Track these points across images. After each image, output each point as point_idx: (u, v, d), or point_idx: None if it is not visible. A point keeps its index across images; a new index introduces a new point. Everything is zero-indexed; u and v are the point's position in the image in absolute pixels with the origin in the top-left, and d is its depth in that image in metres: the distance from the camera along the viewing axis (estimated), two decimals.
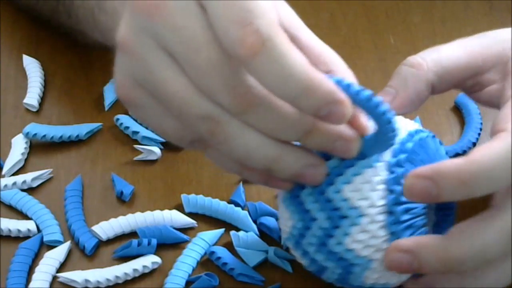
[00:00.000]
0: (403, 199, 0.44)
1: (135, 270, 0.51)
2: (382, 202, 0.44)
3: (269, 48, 0.39)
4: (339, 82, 0.41)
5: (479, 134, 0.59)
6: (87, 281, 0.50)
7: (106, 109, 0.62)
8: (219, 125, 0.42)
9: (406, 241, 0.44)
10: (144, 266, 0.51)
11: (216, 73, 0.40)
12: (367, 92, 0.41)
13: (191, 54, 0.40)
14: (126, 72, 0.44)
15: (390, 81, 0.49)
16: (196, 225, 0.54)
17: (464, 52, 0.49)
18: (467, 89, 0.51)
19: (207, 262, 0.52)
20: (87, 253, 0.53)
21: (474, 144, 0.58)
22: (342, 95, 0.40)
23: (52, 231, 0.53)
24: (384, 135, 0.43)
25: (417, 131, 0.46)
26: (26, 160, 0.59)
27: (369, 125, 0.44)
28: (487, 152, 0.42)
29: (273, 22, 0.39)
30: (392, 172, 0.44)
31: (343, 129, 0.43)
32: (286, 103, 0.41)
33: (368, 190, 0.44)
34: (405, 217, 0.44)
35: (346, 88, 0.41)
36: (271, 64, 0.39)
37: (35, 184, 0.57)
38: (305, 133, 0.42)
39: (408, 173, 0.42)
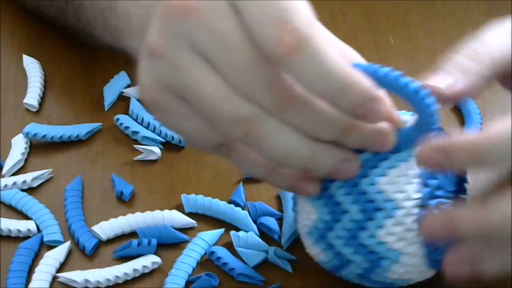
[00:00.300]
0: (437, 193, 0.45)
1: (135, 270, 0.51)
2: (417, 195, 0.45)
3: (306, 46, 0.39)
4: (387, 73, 0.41)
5: None
6: (87, 281, 0.50)
7: (106, 109, 0.62)
8: (255, 126, 0.41)
9: (442, 212, 0.44)
10: (144, 266, 0.51)
11: (255, 72, 0.40)
12: (416, 84, 0.42)
13: (228, 55, 0.40)
14: (156, 76, 0.43)
15: (445, 66, 0.47)
16: (196, 225, 0.54)
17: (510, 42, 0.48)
18: None
19: (207, 262, 0.52)
20: (87, 253, 0.53)
21: None
22: (379, 93, 0.40)
23: (52, 231, 0.53)
24: (425, 127, 0.44)
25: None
26: (26, 160, 0.59)
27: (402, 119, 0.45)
28: (501, 127, 0.42)
29: (309, 20, 0.40)
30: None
31: (380, 124, 0.43)
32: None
33: (404, 183, 0.45)
34: (437, 211, 0.45)
35: (395, 79, 0.41)
36: (309, 62, 0.39)
37: (35, 184, 0.57)
38: (344, 131, 0.42)
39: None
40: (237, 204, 0.55)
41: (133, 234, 0.54)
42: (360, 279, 0.47)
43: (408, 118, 0.46)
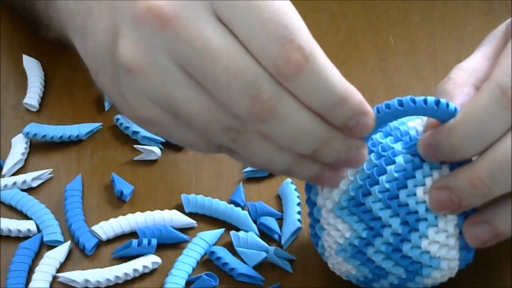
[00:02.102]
0: None
1: (135, 270, 0.51)
2: None
3: (312, 63, 0.40)
4: (426, 99, 0.43)
5: None
6: (87, 281, 0.50)
7: (106, 109, 0.62)
8: (240, 134, 0.42)
9: (440, 179, 0.45)
10: (144, 266, 0.51)
11: (236, 82, 0.40)
12: (446, 102, 0.44)
13: (209, 65, 0.40)
14: (140, 93, 0.42)
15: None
16: (196, 225, 0.54)
17: (484, 59, 0.49)
18: None
19: (207, 262, 0.52)
20: (87, 253, 0.53)
21: None
22: (369, 108, 0.42)
23: (52, 231, 0.53)
24: None
25: None
26: (26, 160, 0.59)
27: None
28: (500, 152, 0.43)
29: (309, 35, 0.40)
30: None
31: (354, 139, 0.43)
32: (304, 112, 0.41)
33: None
34: (470, 211, 0.45)
35: (436, 103, 0.43)
36: (314, 78, 0.40)
37: (35, 184, 0.57)
38: (322, 142, 0.42)
39: None
40: (237, 204, 0.55)
41: (133, 234, 0.54)
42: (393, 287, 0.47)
43: (417, 122, 0.47)
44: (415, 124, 0.47)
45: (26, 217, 0.55)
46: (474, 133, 0.43)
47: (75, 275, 0.51)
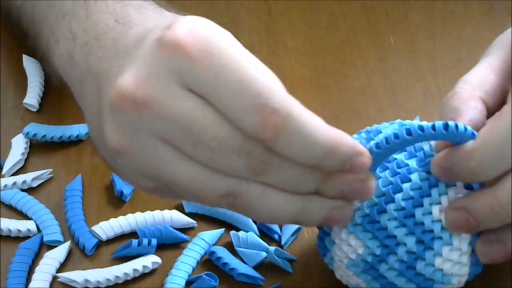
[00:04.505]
0: None
1: (135, 270, 0.51)
2: None
3: (290, 123, 0.39)
4: (447, 123, 0.43)
5: None
6: (87, 281, 0.50)
7: None
8: (240, 197, 0.41)
9: (458, 200, 0.44)
10: (144, 266, 0.51)
11: (227, 147, 0.40)
12: (451, 123, 0.43)
13: (198, 137, 0.40)
14: (135, 171, 0.43)
15: (441, 116, 0.47)
16: (196, 225, 0.54)
17: (490, 71, 0.48)
18: None
19: (207, 262, 0.52)
20: (87, 253, 0.53)
21: None
22: (362, 147, 0.41)
23: (52, 231, 0.53)
24: None
25: None
26: (26, 160, 0.59)
27: None
28: (489, 135, 0.43)
29: (285, 96, 0.40)
30: (470, 189, 0.45)
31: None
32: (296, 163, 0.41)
33: None
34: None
35: (455, 127, 0.43)
36: (296, 136, 0.40)
37: (35, 184, 0.57)
38: (323, 179, 0.42)
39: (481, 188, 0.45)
40: None
41: (133, 234, 0.54)
42: None
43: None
44: None
45: (26, 217, 0.55)
46: (494, 158, 0.43)
47: (75, 275, 0.51)
